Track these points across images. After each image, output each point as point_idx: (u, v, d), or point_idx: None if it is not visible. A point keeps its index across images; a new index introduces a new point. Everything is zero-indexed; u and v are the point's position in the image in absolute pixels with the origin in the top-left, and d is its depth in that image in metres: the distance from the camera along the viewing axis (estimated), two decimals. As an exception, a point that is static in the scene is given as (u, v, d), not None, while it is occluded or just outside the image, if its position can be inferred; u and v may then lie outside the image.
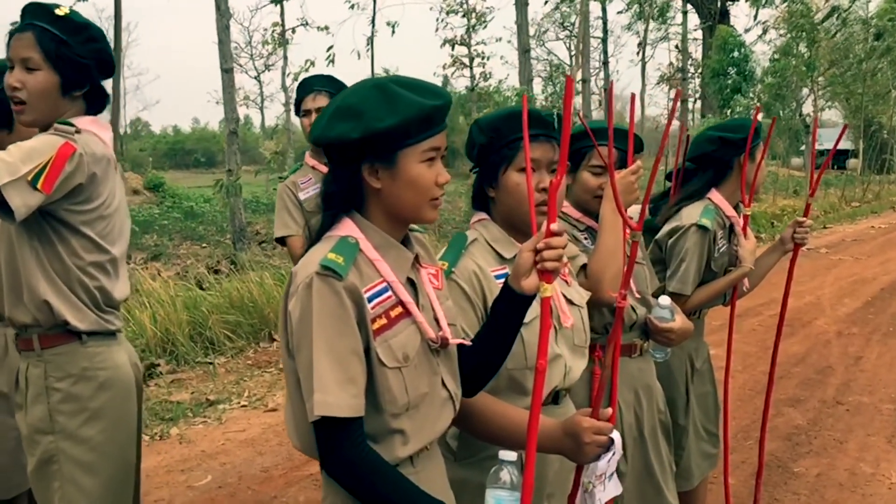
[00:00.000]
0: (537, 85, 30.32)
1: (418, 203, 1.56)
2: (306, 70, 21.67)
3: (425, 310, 1.64)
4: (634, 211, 3.27)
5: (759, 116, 2.99)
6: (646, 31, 22.71)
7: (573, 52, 19.94)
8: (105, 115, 2.32)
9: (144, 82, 52.74)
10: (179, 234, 18.57)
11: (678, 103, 2.02)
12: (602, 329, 2.48)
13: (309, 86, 3.56)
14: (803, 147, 21.58)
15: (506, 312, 1.61)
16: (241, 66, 24.86)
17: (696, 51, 27.37)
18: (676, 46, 28.89)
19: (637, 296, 2.56)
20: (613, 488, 1.72)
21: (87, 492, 2.19)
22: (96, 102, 2.27)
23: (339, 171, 1.56)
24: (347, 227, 1.57)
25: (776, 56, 22.53)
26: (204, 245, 16.66)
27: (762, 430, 3.36)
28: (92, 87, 2.23)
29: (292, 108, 3.87)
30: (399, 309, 1.56)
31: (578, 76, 18.85)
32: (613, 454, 1.66)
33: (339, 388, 1.42)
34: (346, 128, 1.50)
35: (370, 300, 1.50)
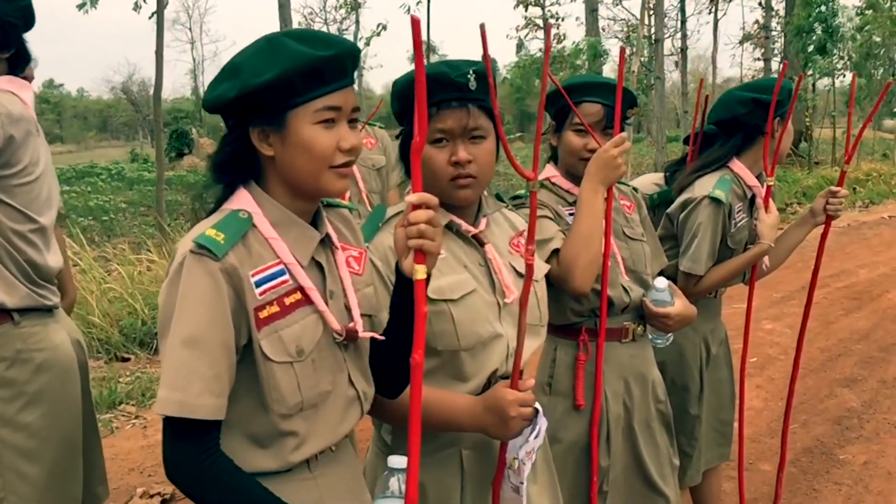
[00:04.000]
0: (614, 45, 29.39)
1: (315, 171, 1.36)
2: (378, 34, 21.56)
3: (335, 297, 1.46)
4: (642, 182, 3.02)
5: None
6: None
7: (648, 12, 19.01)
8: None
9: (222, 49, 53.20)
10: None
11: (550, 43, 1.76)
12: (588, 312, 2.27)
13: None
14: (896, 109, 20.33)
15: (401, 295, 1.42)
16: (316, 31, 24.81)
17: (781, 7, 25.94)
18: (760, 3, 27.54)
19: (625, 277, 2.32)
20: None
21: (30, 480, 2.10)
22: (19, 64, 2.14)
23: (228, 136, 1.40)
24: (242, 200, 1.40)
25: (863, 10, 21.17)
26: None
27: (784, 425, 3.12)
28: (17, 48, 2.11)
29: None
30: (297, 295, 1.38)
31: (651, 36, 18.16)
32: (541, 428, 1.64)
33: (199, 386, 1.25)
34: (225, 88, 1.34)
35: (258, 285, 1.33)
